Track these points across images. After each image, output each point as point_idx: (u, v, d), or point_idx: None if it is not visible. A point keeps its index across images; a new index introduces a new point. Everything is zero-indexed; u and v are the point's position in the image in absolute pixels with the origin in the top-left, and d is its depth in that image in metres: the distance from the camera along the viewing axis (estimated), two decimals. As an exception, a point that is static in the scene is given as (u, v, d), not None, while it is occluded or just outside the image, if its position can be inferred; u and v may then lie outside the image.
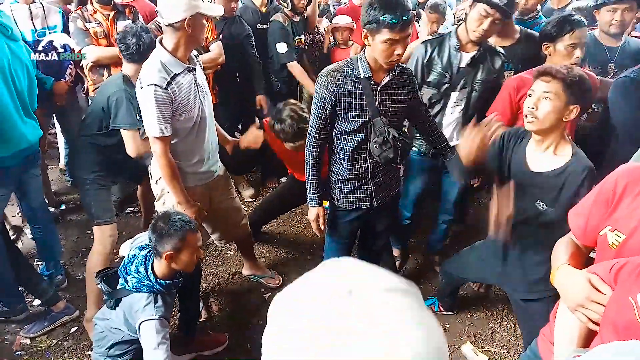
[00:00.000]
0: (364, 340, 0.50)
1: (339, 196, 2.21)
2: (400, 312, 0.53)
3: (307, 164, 2.17)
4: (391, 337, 0.50)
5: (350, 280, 0.57)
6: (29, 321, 2.73)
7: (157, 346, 1.90)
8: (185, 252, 1.96)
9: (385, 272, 0.59)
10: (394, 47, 1.88)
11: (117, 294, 2.07)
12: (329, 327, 0.52)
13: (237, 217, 2.76)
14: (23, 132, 2.49)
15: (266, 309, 2.20)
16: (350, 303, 0.53)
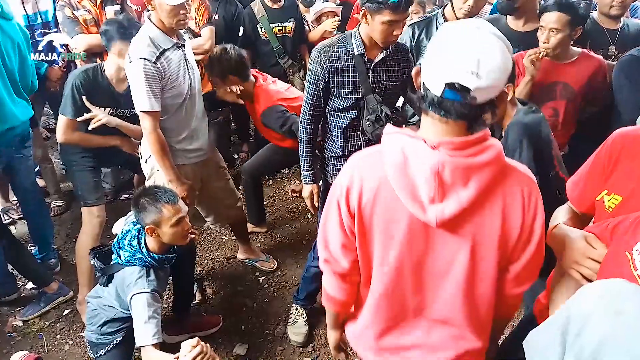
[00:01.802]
0: None
1: (332, 173, 2.20)
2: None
3: (301, 140, 2.16)
4: None
5: None
6: (21, 304, 2.72)
7: (148, 320, 1.88)
8: (166, 224, 1.95)
9: None
10: (393, 27, 1.87)
11: (110, 269, 2.06)
12: None
13: (231, 199, 2.75)
14: (13, 111, 2.48)
15: (261, 291, 2.23)
16: None
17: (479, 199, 1.08)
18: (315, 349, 2.49)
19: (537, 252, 1.16)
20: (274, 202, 3.70)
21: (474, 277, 1.17)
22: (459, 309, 1.20)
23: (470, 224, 1.11)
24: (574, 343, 0.81)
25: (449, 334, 1.25)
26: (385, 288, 1.23)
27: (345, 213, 1.19)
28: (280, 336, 2.55)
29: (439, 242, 1.15)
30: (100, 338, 2.11)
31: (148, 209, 1.94)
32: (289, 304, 2.68)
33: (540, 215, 1.13)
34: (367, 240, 1.20)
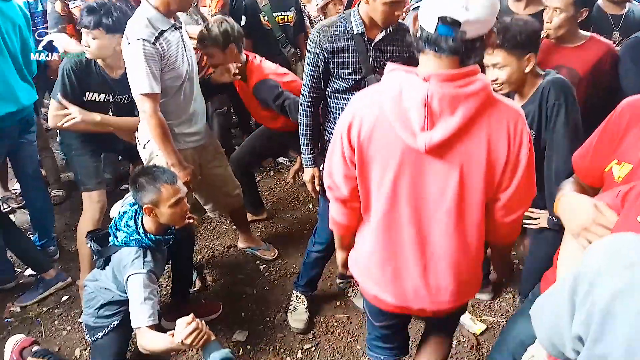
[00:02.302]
0: None
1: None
2: None
3: (301, 123, 2.13)
4: None
5: None
6: (19, 291, 2.70)
7: (144, 301, 1.85)
8: (164, 205, 1.91)
9: None
10: (394, 8, 1.84)
11: (107, 251, 2.03)
12: None
13: (229, 187, 2.72)
14: (16, 94, 2.46)
15: (261, 280, 2.20)
16: None
17: (466, 127, 1.18)
18: (316, 336, 2.45)
19: (524, 181, 1.25)
20: (274, 193, 3.67)
21: (464, 204, 1.26)
22: (452, 239, 1.30)
23: (458, 151, 1.21)
24: (584, 301, 0.76)
25: (445, 266, 1.34)
26: (383, 216, 1.34)
27: (346, 146, 1.31)
28: (280, 323, 2.52)
29: (430, 170, 1.24)
30: (97, 321, 2.08)
31: (147, 188, 1.90)
32: (290, 292, 2.65)
33: (526, 145, 1.22)
34: (366, 170, 1.32)
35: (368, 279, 1.49)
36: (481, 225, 1.32)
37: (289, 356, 2.34)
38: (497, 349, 1.55)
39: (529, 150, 1.23)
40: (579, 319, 0.77)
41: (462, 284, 1.39)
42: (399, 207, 1.31)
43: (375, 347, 1.75)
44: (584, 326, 0.76)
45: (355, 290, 2.64)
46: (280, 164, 4.00)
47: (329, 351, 2.37)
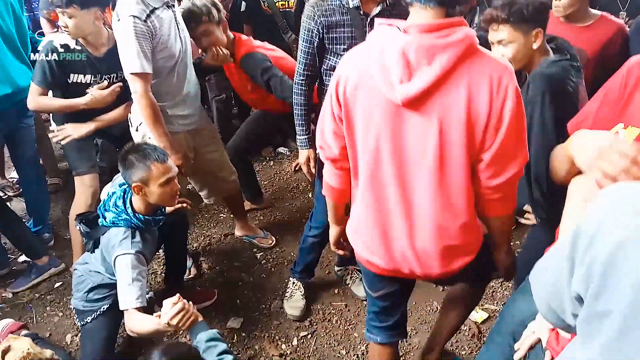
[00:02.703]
0: None
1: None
2: None
3: (296, 103, 2.07)
4: None
5: None
6: (12, 277, 2.66)
7: (132, 282, 1.79)
8: (154, 183, 1.85)
9: None
10: None
11: (96, 233, 1.98)
12: None
13: (225, 172, 2.65)
14: (11, 75, 2.41)
15: (258, 267, 2.15)
16: None
17: (444, 79, 1.14)
18: (312, 323, 2.39)
19: (509, 140, 1.18)
20: (274, 182, 3.60)
21: (444, 162, 1.22)
22: (435, 200, 1.26)
23: (436, 104, 1.17)
24: (584, 256, 0.69)
25: (430, 228, 1.30)
26: (368, 175, 1.33)
27: (334, 103, 1.32)
28: (276, 310, 2.45)
29: (410, 126, 1.21)
30: (87, 305, 2.03)
31: (136, 166, 1.84)
32: (287, 279, 2.59)
33: (511, 102, 1.15)
34: (352, 127, 1.31)
35: (360, 242, 1.47)
36: (467, 187, 1.26)
37: (284, 343, 2.28)
38: (496, 329, 1.48)
39: (514, 106, 1.16)
40: (579, 275, 0.70)
41: (450, 249, 1.33)
42: (383, 165, 1.28)
43: (373, 328, 1.70)
44: (584, 283, 0.69)
45: (353, 278, 2.57)
46: (281, 154, 3.94)
47: (326, 339, 2.31)
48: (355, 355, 2.22)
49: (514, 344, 1.31)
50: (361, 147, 1.32)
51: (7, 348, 1.37)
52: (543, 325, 1.15)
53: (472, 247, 1.39)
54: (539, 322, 1.18)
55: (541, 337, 1.16)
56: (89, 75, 2.31)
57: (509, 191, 1.29)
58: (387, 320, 1.65)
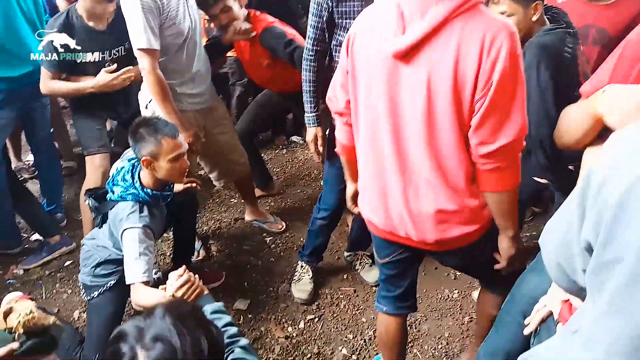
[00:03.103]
0: None
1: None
2: None
3: (305, 79, 2.04)
4: None
5: None
6: (24, 255, 2.68)
7: (139, 256, 1.78)
8: (163, 158, 1.83)
9: None
10: None
11: (104, 207, 1.98)
12: None
13: (235, 155, 2.63)
14: (33, 52, 2.41)
15: (267, 251, 2.12)
16: None
17: (434, 33, 1.12)
18: (320, 307, 2.36)
19: (498, 104, 1.12)
20: (286, 170, 3.58)
21: (432, 120, 1.19)
22: (426, 158, 1.24)
23: (425, 58, 1.15)
24: (594, 201, 0.65)
25: (423, 190, 1.28)
26: (367, 132, 1.33)
27: (344, 56, 1.35)
28: (284, 294, 2.43)
29: (404, 80, 1.20)
30: (94, 280, 2.03)
31: (147, 140, 1.82)
32: (295, 264, 2.56)
33: (502, 63, 1.09)
34: (356, 82, 1.32)
35: (362, 199, 1.48)
36: (459, 150, 1.21)
37: (290, 326, 2.25)
38: (505, 310, 1.42)
39: (507, 68, 1.09)
40: (589, 222, 0.65)
41: (443, 213, 1.28)
42: (380, 120, 1.28)
43: (381, 297, 1.68)
44: (594, 229, 0.64)
45: (363, 263, 2.53)
46: (294, 142, 3.91)
47: (333, 323, 2.27)
48: (362, 339, 2.18)
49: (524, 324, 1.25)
50: (362, 103, 1.32)
51: (9, 310, 1.36)
52: (555, 297, 1.10)
53: (470, 216, 1.30)
54: (551, 294, 1.13)
55: (553, 309, 1.10)
56: (96, 52, 2.30)
57: (504, 162, 1.20)
58: (395, 290, 1.63)
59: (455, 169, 1.24)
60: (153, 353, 0.83)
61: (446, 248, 1.38)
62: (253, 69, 2.71)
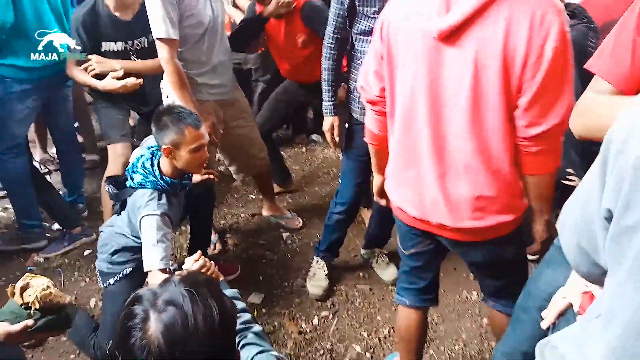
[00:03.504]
0: None
1: (357, 106, 2.04)
2: None
3: (324, 68, 2.03)
4: None
5: None
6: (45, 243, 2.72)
7: (157, 243, 1.78)
8: (184, 148, 1.83)
9: None
10: None
11: (123, 194, 1.99)
12: None
13: (255, 149, 2.63)
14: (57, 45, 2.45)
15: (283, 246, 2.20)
16: None
17: (482, 11, 1.09)
18: (334, 304, 2.33)
19: (549, 84, 1.09)
20: (305, 168, 3.57)
21: (478, 101, 1.16)
22: (468, 142, 1.20)
23: (473, 38, 1.12)
24: (614, 163, 0.61)
25: (463, 174, 1.24)
26: (403, 115, 1.30)
27: (378, 40, 1.32)
28: (298, 289, 2.41)
29: (446, 61, 1.16)
30: (110, 267, 2.04)
31: (170, 128, 1.82)
32: (311, 260, 2.54)
33: (553, 41, 1.07)
34: (392, 65, 1.29)
35: (392, 187, 1.44)
36: (504, 132, 1.17)
37: (304, 321, 2.23)
38: (521, 306, 1.36)
39: (558, 46, 1.07)
40: (609, 189, 0.62)
41: (483, 200, 1.24)
42: (418, 105, 1.23)
43: (402, 289, 1.65)
44: (614, 195, 0.61)
45: (379, 261, 2.49)
46: (313, 141, 3.91)
47: (347, 320, 2.24)
48: (377, 338, 2.14)
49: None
50: (399, 87, 1.29)
51: (26, 285, 1.36)
52: (575, 288, 1.05)
53: (509, 204, 1.27)
54: (570, 285, 1.08)
55: (572, 301, 1.05)
56: (120, 42, 2.32)
57: (550, 145, 1.18)
58: (417, 283, 1.60)
59: (499, 153, 1.20)
60: (165, 315, 0.85)
61: (477, 238, 1.34)
62: (286, 51, 2.62)
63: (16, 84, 2.39)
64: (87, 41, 2.30)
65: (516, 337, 1.38)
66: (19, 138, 2.52)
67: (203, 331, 0.86)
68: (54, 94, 2.64)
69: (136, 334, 0.85)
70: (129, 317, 0.87)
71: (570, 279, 1.08)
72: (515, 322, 1.39)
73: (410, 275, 1.61)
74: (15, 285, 1.36)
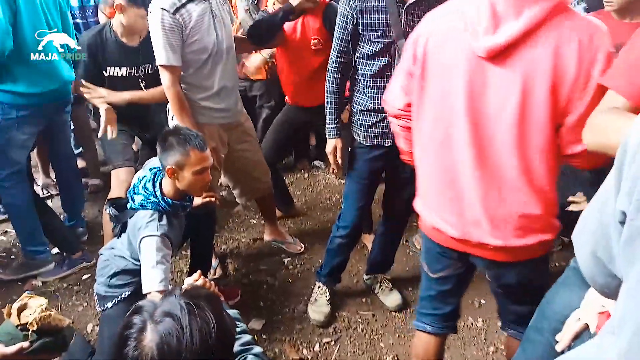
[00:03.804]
0: None
1: (360, 130, 2.05)
2: None
3: (327, 91, 2.04)
4: None
5: None
6: (43, 266, 2.69)
7: (156, 264, 1.76)
8: (188, 170, 1.83)
9: None
10: None
11: (124, 216, 1.97)
12: None
13: (259, 173, 2.62)
14: (59, 71, 2.49)
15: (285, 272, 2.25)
16: None
17: (531, 33, 1.12)
18: (336, 330, 2.28)
19: (596, 102, 1.09)
20: (307, 193, 3.56)
21: (525, 120, 1.17)
22: (512, 160, 1.20)
23: (522, 59, 1.14)
24: (630, 167, 0.61)
25: (505, 194, 1.24)
26: (442, 135, 1.29)
27: (409, 58, 1.33)
28: (300, 315, 2.36)
29: (492, 81, 1.18)
30: (109, 291, 2.01)
31: (175, 149, 1.82)
32: (313, 286, 2.50)
33: (600, 62, 1.10)
34: (426, 83, 1.30)
35: (427, 207, 1.42)
36: (548, 151, 1.20)
37: (305, 348, 2.17)
38: (534, 327, 1.32)
39: (604, 68, 1.10)
40: (624, 191, 0.61)
41: (527, 218, 1.25)
42: (457, 124, 1.23)
43: (424, 315, 1.60)
44: (628, 197, 0.60)
45: (382, 287, 2.44)
46: (315, 167, 3.91)
47: (350, 347, 2.18)
48: (380, 365, 2.08)
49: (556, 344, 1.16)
50: (432, 107, 1.30)
51: (23, 306, 1.33)
52: (590, 308, 1.02)
53: (549, 223, 1.29)
54: (585, 306, 1.05)
55: (588, 322, 1.02)
56: (125, 67, 2.35)
57: (591, 161, 1.22)
58: (443, 308, 1.55)
59: (543, 171, 1.22)
60: (161, 327, 0.86)
61: (515, 258, 1.32)
62: (296, 56, 2.60)
63: (15, 110, 2.37)
64: (90, 63, 2.33)
65: (526, 357, 1.34)
66: (19, 164, 2.50)
67: (198, 345, 0.85)
68: (53, 120, 2.63)
69: (130, 344, 0.86)
70: (126, 326, 0.88)
71: (585, 300, 1.05)
72: (526, 343, 1.36)
73: (434, 300, 1.56)
74: (12, 306, 1.33)
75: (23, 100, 2.38)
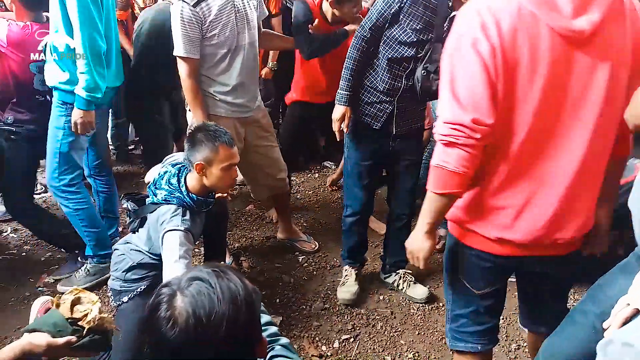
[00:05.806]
0: None
1: (366, 108, 2.11)
2: None
3: (349, 57, 2.03)
4: None
5: None
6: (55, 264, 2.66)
7: (179, 259, 1.72)
8: (217, 166, 1.81)
9: None
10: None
11: (144, 210, 1.94)
12: None
13: (275, 169, 2.60)
14: (118, 70, 2.44)
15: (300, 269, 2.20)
16: None
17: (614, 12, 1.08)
18: (355, 327, 2.24)
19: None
20: (318, 193, 3.53)
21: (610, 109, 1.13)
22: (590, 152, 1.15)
23: (610, 40, 1.09)
24: None
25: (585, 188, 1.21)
26: (526, 135, 1.14)
27: (487, 53, 1.07)
28: (317, 312, 2.32)
29: (580, 61, 1.10)
30: (124, 285, 1.97)
31: (204, 145, 1.80)
32: (329, 284, 2.48)
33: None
34: (511, 78, 1.10)
35: (489, 222, 1.25)
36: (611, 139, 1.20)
37: (324, 345, 2.13)
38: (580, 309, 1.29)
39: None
40: None
41: (591, 211, 1.26)
42: (546, 119, 1.13)
43: (469, 334, 1.44)
44: None
45: (407, 281, 2.41)
46: (326, 167, 3.89)
47: (369, 344, 2.15)
48: (401, 362, 2.05)
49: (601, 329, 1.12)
50: (522, 99, 1.12)
51: (77, 300, 1.29)
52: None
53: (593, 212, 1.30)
54: (635, 290, 1.02)
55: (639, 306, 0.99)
56: None
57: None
58: (489, 322, 1.44)
59: (601, 165, 1.22)
60: (191, 288, 0.84)
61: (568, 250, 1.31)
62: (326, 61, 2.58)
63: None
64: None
65: (565, 340, 1.30)
66: (81, 168, 2.44)
67: (228, 303, 0.83)
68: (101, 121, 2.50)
69: (162, 307, 0.84)
70: (157, 298, 0.86)
71: (634, 285, 1.02)
72: (568, 325, 1.32)
73: (482, 315, 1.42)
74: (61, 297, 1.30)
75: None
